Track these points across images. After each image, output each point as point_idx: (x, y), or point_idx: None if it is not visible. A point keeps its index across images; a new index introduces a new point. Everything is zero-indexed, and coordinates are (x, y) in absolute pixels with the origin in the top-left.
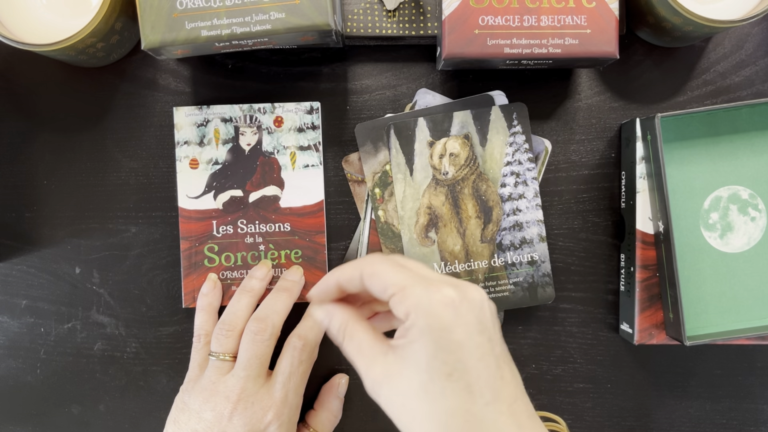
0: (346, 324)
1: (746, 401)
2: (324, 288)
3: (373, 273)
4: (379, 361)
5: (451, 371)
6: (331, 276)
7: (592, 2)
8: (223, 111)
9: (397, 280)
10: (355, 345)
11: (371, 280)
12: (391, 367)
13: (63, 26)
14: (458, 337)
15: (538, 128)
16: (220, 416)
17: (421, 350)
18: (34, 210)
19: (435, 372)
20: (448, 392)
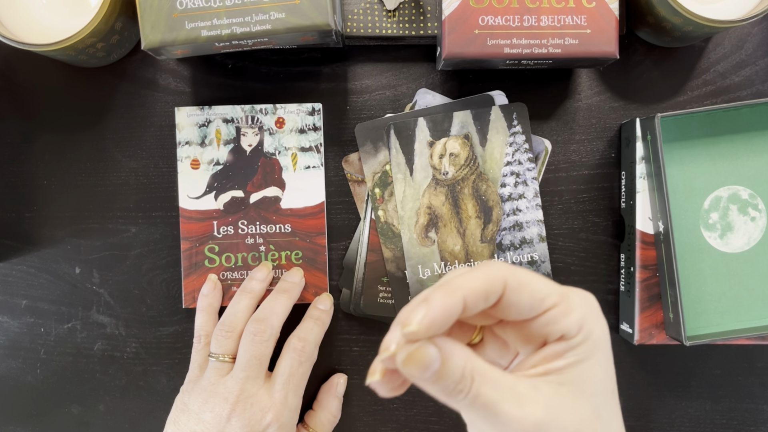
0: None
1: (746, 401)
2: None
3: (522, 284)
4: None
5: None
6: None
7: (592, 2)
8: (225, 111)
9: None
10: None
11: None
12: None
13: (63, 26)
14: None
15: (538, 128)
16: (219, 417)
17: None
18: (34, 210)
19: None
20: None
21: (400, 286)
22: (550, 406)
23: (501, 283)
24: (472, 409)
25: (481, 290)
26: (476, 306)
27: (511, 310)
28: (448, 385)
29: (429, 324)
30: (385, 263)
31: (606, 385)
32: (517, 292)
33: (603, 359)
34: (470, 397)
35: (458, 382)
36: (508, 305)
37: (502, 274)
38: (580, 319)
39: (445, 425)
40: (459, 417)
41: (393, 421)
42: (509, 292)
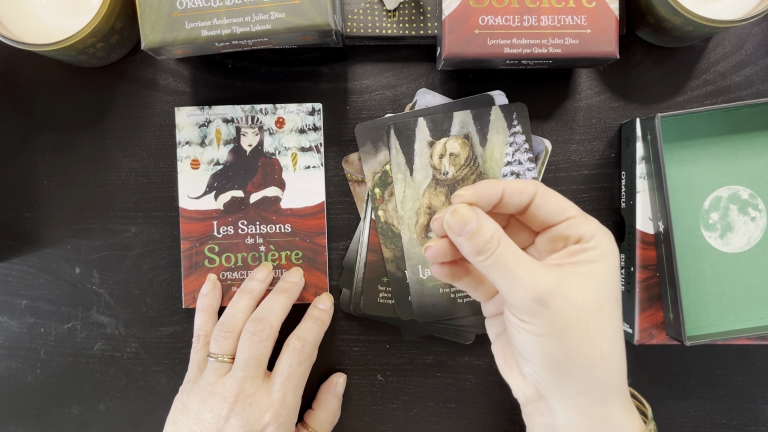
0: (501, 232)
1: (746, 401)
2: (486, 192)
3: (550, 194)
4: (548, 274)
5: (618, 296)
6: (497, 183)
7: (592, 2)
8: (225, 111)
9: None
10: (513, 254)
11: (547, 200)
12: (564, 280)
13: (63, 26)
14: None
15: (538, 128)
16: (218, 417)
17: (604, 270)
18: (34, 210)
19: (610, 293)
20: (616, 314)
21: (400, 286)
22: (560, 282)
23: (533, 188)
24: (495, 268)
25: (517, 188)
26: (512, 198)
27: (540, 212)
28: (479, 243)
29: (473, 193)
30: (385, 263)
31: (611, 290)
32: (546, 198)
33: (611, 268)
34: (495, 256)
35: (488, 241)
36: (538, 207)
37: (535, 184)
38: (594, 229)
39: (445, 426)
40: (459, 418)
41: (393, 421)
42: (539, 197)
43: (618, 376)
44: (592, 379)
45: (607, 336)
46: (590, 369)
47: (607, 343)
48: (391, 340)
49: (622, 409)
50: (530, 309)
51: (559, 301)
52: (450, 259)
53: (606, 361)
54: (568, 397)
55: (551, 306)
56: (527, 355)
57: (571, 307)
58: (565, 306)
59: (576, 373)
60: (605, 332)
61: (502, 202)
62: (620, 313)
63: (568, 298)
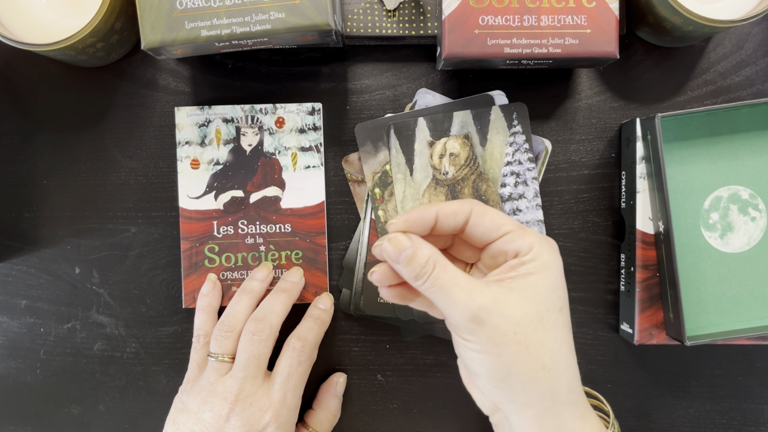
0: (436, 255)
1: (746, 401)
2: (419, 217)
3: (485, 212)
4: (484, 291)
5: (562, 306)
6: (430, 208)
7: (592, 2)
8: (225, 111)
9: (510, 221)
10: (449, 276)
11: (482, 218)
12: (500, 296)
13: (63, 26)
14: (563, 278)
15: (538, 128)
16: (218, 417)
17: (542, 282)
18: (34, 210)
19: (551, 304)
20: (560, 324)
21: None
22: (497, 298)
23: (468, 208)
24: (432, 290)
25: (451, 209)
26: (447, 220)
27: (477, 231)
28: (415, 268)
29: (405, 220)
30: None
31: (552, 299)
32: (481, 217)
33: (550, 277)
34: (431, 279)
35: (423, 266)
36: (475, 226)
37: (470, 203)
38: (531, 242)
39: (445, 426)
40: (459, 418)
41: (393, 421)
42: (474, 215)
43: (566, 385)
44: (537, 391)
45: (548, 348)
46: (533, 381)
47: (549, 355)
48: (391, 340)
49: (576, 418)
50: (468, 327)
51: (495, 317)
52: (395, 282)
53: (549, 373)
54: (517, 409)
55: (487, 323)
56: (474, 371)
57: (507, 322)
58: (501, 322)
59: (519, 387)
60: (545, 344)
61: (438, 225)
62: (566, 321)
63: (504, 314)
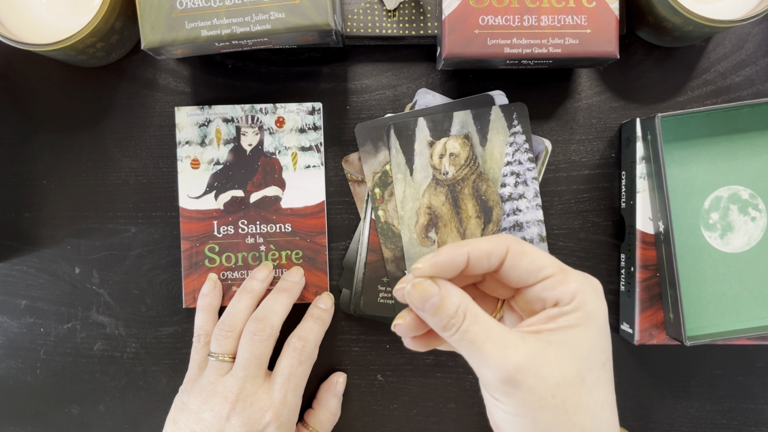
0: (466, 303)
1: (746, 401)
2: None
3: (524, 252)
4: (520, 347)
5: (605, 360)
6: (461, 247)
7: (593, 2)
8: (225, 111)
9: (552, 262)
10: (482, 328)
11: (520, 259)
12: (538, 352)
13: (63, 26)
14: (608, 328)
15: (538, 128)
16: (218, 417)
17: (584, 335)
18: (34, 210)
19: (594, 360)
20: (602, 382)
21: None
22: (534, 355)
23: (504, 247)
24: (462, 344)
25: (485, 249)
26: (480, 262)
27: (513, 273)
28: (443, 318)
29: (433, 265)
30: (385, 263)
31: (595, 354)
32: (519, 258)
33: (594, 330)
34: (460, 332)
35: (452, 317)
36: (511, 268)
37: (507, 241)
38: (574, 289)
39: (445, 426)
40: (459, 418)
41: (393, 422)
42: (511, 256)
43: None
44: None
45: (589, 411)
46: None
47: (590, 419)
48: (391, 340)
49: None
50: (501, 389)
51: (531, 379)
52: (421, 332)
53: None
54: None
55: (522, 386)
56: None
57: (545, 384)
58: (539, 384)
59: None
60: (587, 407)
61: (469, 266)
62: (609, 378)
63: (542, 374)
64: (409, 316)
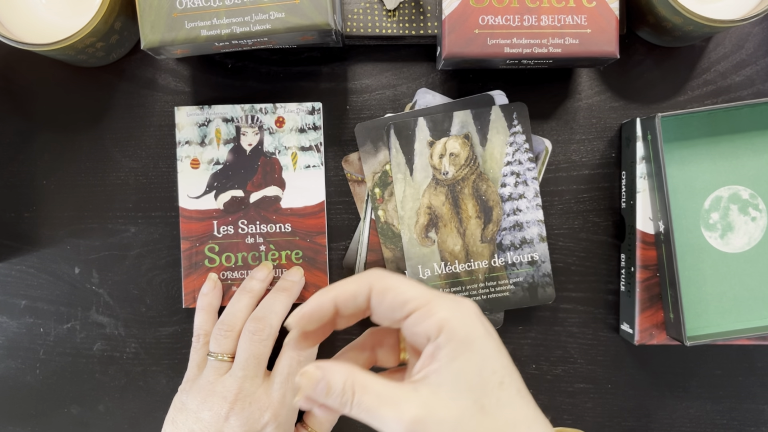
0: (352, 377)
1: (747, 401)
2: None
3: (387, 288)
4: (412, 399)
5: (502, 379)
6: (324, 295)
7: (593, 2)
8: (225, 111)
9: (417, 294)
10: (373, 395)
11: (383, 296)
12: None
13: (63, 26)
14: (495, 344)
15: (539, 128)
16: (217, 416)
17: (467, 365)
18: (34, 210)
19: (487, 385)
20: (505, 401)
21: None
22: (427, 404)
23: (367, 287)
24: (361, 416)
25: (350, 292)
26: (347, 304)
27: (379, 311)
28: (336, 398)
29: (300, 317)
30: (385, 263)
31: (486, 378)
32: (382, 295)
33: (475, 356)
34: (354, 406)
35: (342, 395)
36: (376, 306)
37: (369, 279)
38: (440, 320)
39: None
40: None
41: None
42: (374, 294)
43: None
44: None
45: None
46: None
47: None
48: None
49: None
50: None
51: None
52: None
53: None
54: None
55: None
56: None
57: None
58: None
59: None
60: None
61: (340, 311)
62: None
63: (440, 418)
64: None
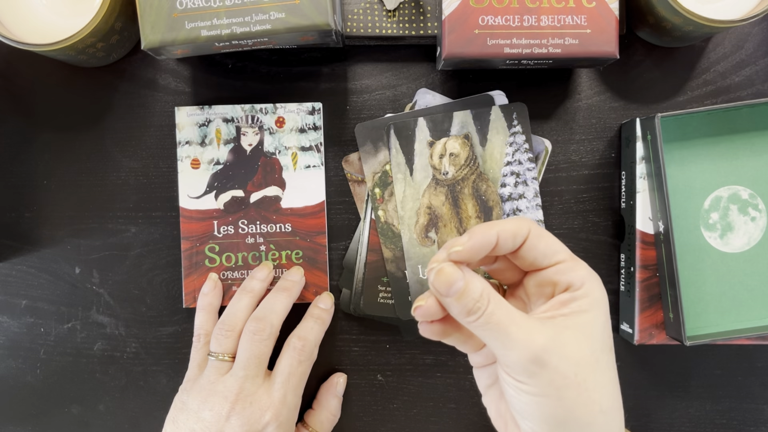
0: (490, 290)
1: (746, 401)
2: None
3: (542, 235)
4: (541, 330)
5: (611, 345)
6: (491, 228)
7: (592, 2)
8: (225, 111)
9: (564, 249)
10: (506, 313)
11: (539, 241)
12: (558, 336)
13: (63, 26)
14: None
15: (538, 128)
16: (218, 416)
17: (596, 320)
18: (34, 210)
19: (604, 344)
20: (611, 365)
21: (400, 286)
22: (555, 338)
23: (527, 229)
24: (487, 328)
25: (511, 230)
26: (506, 242)
27: (530, 254)
28: (468, 303)
29: (471, 246)
30: (385, 263)
31: (604, 338)
32: (537, 239)
33: (602, 316)
34: (486, 315)
35: (477, 300)
36: (529, 249)
37: (528, 222)
38: (584, 276)
39: (445, 426)
40: (459, 418)
41: (393, 421)
42: (532, 237)
43: (619, 428)
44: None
45: (605, 390)
46: (591, 426)
47: (606, 397)
48: (391, 340)
49: None
50: (527, 369)
51: (556, 359)
52: (439, 317)
53: (606, 416)
54: None
55: (549, 365)
56: (526, 414)
57: (568, 364)
58: (562, 363)
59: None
60: (603, 386)
61: (497, 247)
62: (614, 361)
63: (564, 354)
64: (431, 300)
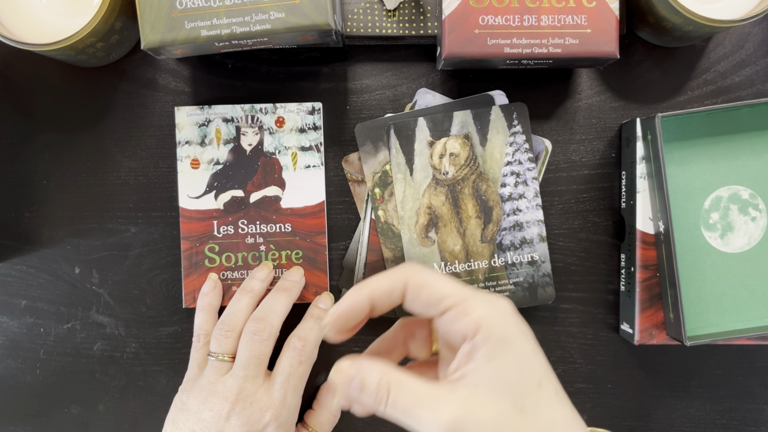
0: (388, 375)
1: (746, 401)
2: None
3: (422, 284)
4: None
5: (540, 379)
6: (361, 290)
7: (593, 2)
8: (225, 111)
9: (453, 291)
10: (409, 394)
11: (418, 293)
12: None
13: (63, 26)
14: (532, 344)
15: (538, 128)
16: (218, 416)
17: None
18: (34, 210)
19: (526, 385)
20: (543, 402)
21: None
22: (466, 404)
23: (402, 282)
24: (395, 415)
25: (384, 288)
26: (382, 301)
27: (414, 307)
28: (370, 396)
29: (336, 318)
30: (385, 263)
31: (525, 379)
32: (417, 291)
33: (513, 356)
34: (390, 405)
35: (376, 393)
36: (411, 302)
37: (405, 275)
38: (477, 319)
39: None
40: None
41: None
42: (410, 290)
43: None
44: None
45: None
46: None
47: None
48: None
49: None
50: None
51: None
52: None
53: None
54: None
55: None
56: None
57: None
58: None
59: None
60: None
61: (375, 308)
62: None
63: (479, 418)
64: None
